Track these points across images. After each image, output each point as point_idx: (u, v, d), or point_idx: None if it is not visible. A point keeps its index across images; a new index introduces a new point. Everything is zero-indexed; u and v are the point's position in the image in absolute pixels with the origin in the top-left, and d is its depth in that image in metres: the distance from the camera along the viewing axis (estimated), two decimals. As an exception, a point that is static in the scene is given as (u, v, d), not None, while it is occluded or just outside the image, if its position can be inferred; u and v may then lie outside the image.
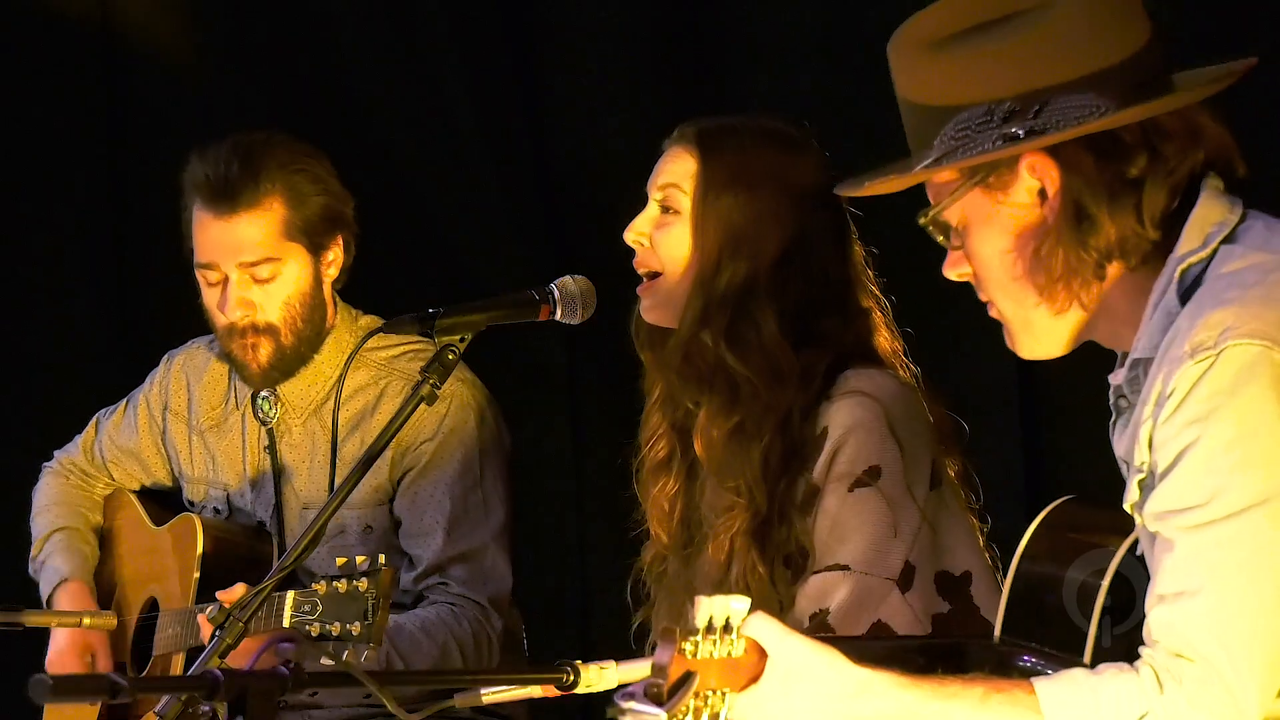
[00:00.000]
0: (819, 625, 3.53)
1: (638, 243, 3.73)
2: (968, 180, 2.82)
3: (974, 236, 2.85)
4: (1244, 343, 2.63)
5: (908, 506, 3.57)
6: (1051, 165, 2.78)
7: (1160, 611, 2.66)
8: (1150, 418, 2.70)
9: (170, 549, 4.56)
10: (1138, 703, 2.64)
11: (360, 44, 5.62)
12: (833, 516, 3.57)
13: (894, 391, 3.62)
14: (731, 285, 3.62)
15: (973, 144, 2.78)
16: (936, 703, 2.68)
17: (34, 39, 5.72)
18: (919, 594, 3.56)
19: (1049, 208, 2.79)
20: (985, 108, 2.78)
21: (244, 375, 4.47)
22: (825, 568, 3.57)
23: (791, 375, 3.61)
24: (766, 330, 3.61)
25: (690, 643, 2.55)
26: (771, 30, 5.17)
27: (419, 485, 4.38)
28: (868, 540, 3.55)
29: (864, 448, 3.57)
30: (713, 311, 3.63)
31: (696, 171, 3.68)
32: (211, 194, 4.35)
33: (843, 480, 3.57)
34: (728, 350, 3.61)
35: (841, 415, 3.58)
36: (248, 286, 4.36)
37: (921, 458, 3.61)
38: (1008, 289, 2.85)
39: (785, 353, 3.61)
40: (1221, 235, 2.77)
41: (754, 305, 3.62)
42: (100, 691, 2.57)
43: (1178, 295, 2.75)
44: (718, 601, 2.56)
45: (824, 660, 2.67)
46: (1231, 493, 2.62)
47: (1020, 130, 2.76)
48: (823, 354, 3.63)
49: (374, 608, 3.46)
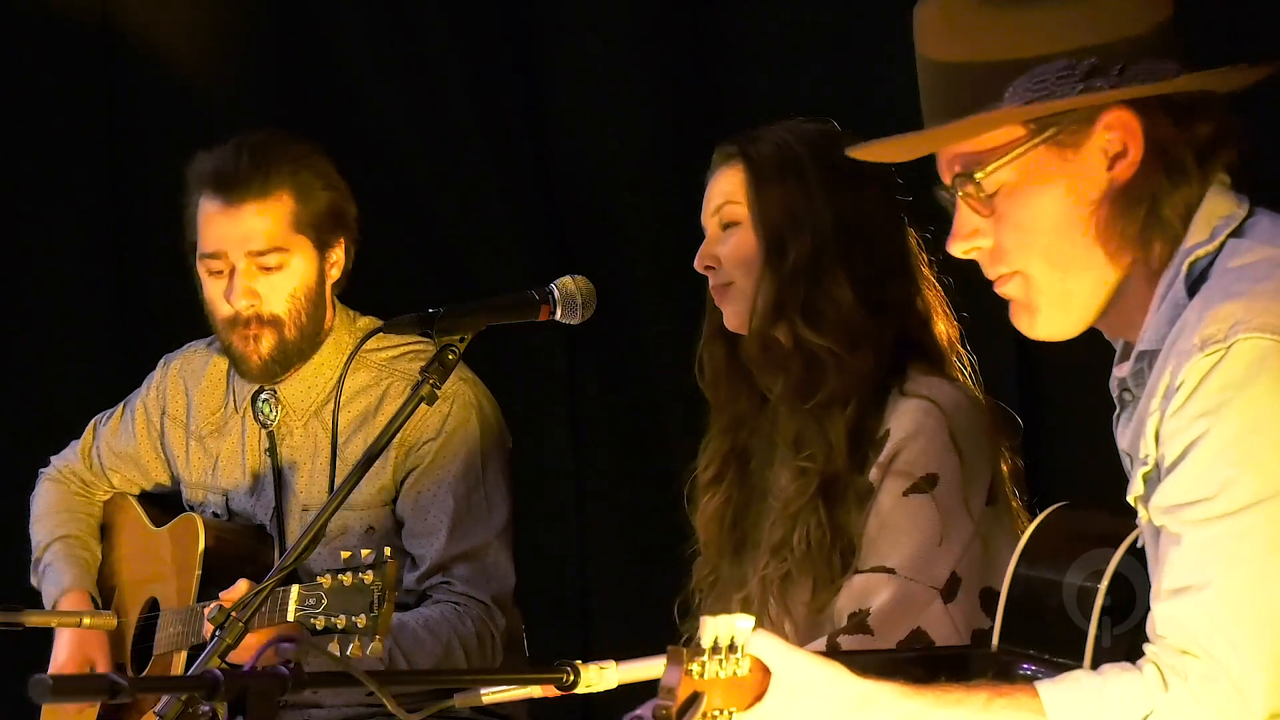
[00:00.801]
0: (857, 625, 3.53)
1: (709, 267, 3.73)
2: (1036, 135, 2.76)
3: (1028, 197, 2.78)
4: (1254, 336, 2.63)
5: (961, 517, 3.56)
6: (1134, 119, 2.74)
7: (1166, 606, 2.65)
8: (1157, 410, 2.69)
9: (171, 549, 4.55)
10: (1142, 702, 2.64)
11: (361, 44, 5.62)
12: (884, 518, 3.57)
13: (959, 402, 3.62)
14: (799, 262, 3.64)
15: (1053, 94, 2.74)
16: (941, 710, 2.68)
17: (34, 39, 5.72)
18: (962, 607, 3.54)
19: (1124, 166, 2.75)
20: (1065, 61, 2.74)
21: (242, 369, 4.46)
22: (871, 568, 3.56)
23: (869, 341, 3.62)
24: (843, 298, 3.63)
25: (697, 663, 2.56)
26: (771, 30, 5.17)
27: (422, 485, 4.39)
28: (916, 546, 3.54)
29: (924, 454, 3.57)
30: (786, 294, 3.64)
31: (744, 178, 3.70)
32: (221, 183, 4.36)
33: (899, 483, 3.57)
34: (806, 327, 3.62)
35: (906, 418, 3.59)
36: (254, 276, 4.37)
37: (981, 471, 3.60)
38: (1057, 253, 2.79)
39: (863, 318, 3.63)
40: (1229, 229, 2.76)
41: (826, 277, 3.64)
42: (100, 691, 2.57)
43: (1185, 288, 2.74)
44: (723, 621, 2.57)
45: (827, 675, 2.67)
46: (1240, 486, 2.61)
47: (1105, 84, 2.72)
48: (892, 321, 3.65)
49: (379, 599, 3.46)
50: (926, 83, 2.84)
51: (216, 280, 4.41)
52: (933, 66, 2.82)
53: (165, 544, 4.58)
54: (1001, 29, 2.76)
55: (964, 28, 2.78)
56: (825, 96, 5.01)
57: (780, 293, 3.65)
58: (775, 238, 3.66)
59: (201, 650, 3.47)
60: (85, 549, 4.69)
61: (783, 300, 3.65)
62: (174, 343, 4.77)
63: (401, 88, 5.58)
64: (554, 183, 5.52)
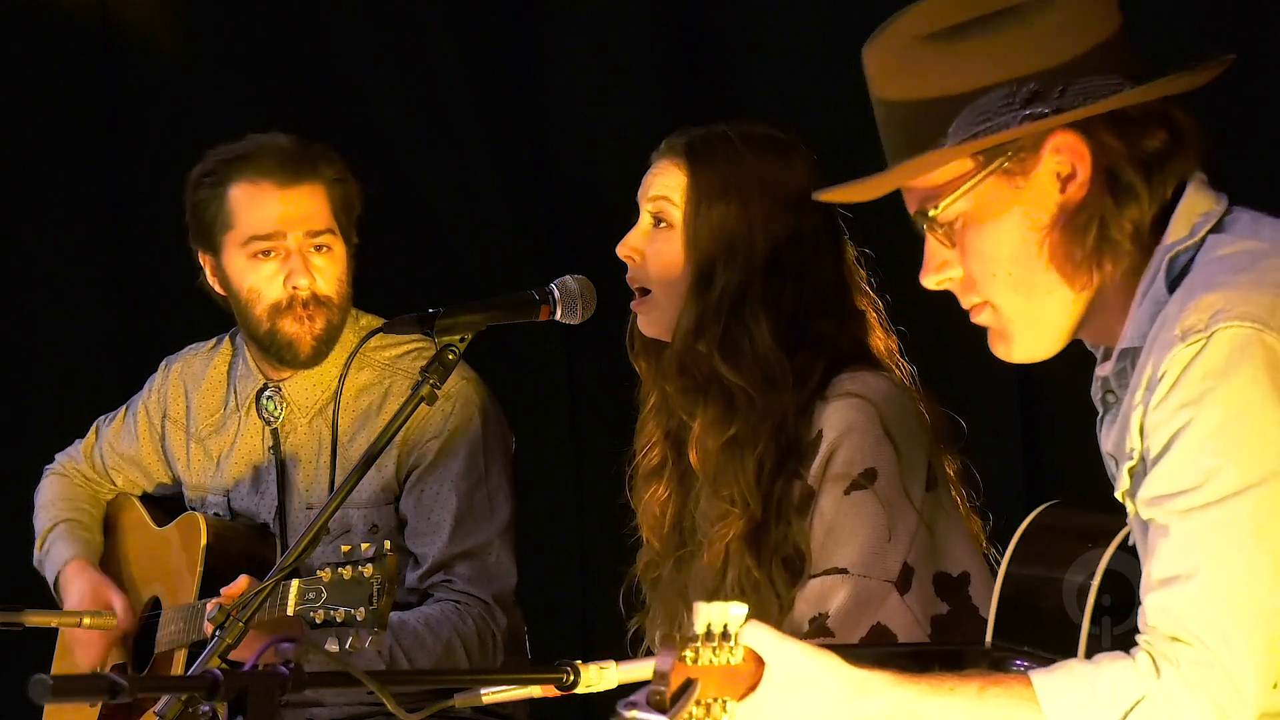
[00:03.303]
0: (818, 629, 3.53)
1: (630, 258, 3.72)
2: (985, 167, 2.78)
3: (985, 228, 2.81)
4: (1235, 325, 2.63)
5: (904, 508, 3.57)
6: (1079, 141, 2.76)
7: (1155, 596, 2.66)
8: (1141, 403, 2.70)
9: (173, 548, 4.56)
10: (1134, 688, 2.64)
11: (360, 44, 5.62)
12: (829, 520, 3.57)
13: (888, 393, 3.62)
14: (725, 294, 3.62)
15: (996, 128, 2.76)
16: (934, 698, 2.68)
17: (34, 38, 5.72)
18: (917, 596, 3.56)
19: (1075, 187, 2.76)
20: (1005, 90, 2.76)
21: (290, 354, 4.41)
22: (823, 571, 3.57)
23: (785, 381, 3.61)
24: (760, 338, 3.61)
25: (690, 650, 2.56)
26: (771, 30, 5.17)
27: (425, 483, 4.39)
28: (865, 543, 3.55)
29: (859, 450, 3.57)
30: (707, 322, 3.62)
31: (687, 184, 3.68)
32: (273, 165, 4.36)
33: (838, 483, 3.57)
34: (721, 361, 3.61)
35: (836, 418, 3.58)
36: (309, 256, 4.37)
37: (917, 459, 3.61)
38: (1019, 281, 2.81)
39: (779, 359, 3.61)
40: (1209, 225, 2.77)
41: (747, 313, 3.62)
42: (100, 691, 2.57)
43: (1165, 283, 2.75)
44: (715, 608, 2.57)
45: (820, 664, 2.67)
46: (1225, 475, 2.62)
47: (1046, 109, 2.74)
48: (819, 357, 3.63)
49: (379, 592, 3.47)
50: (881, 121, 2.87)
51: (264, 263, 4.38)
52: (883, 105, 2.85)
53: (167, 543, 4.59)
54: (942, 65, 2.79)
55: (907, 66, 2.81)
56: (825, 96, 5.01)
57: (701, 321, 3.63)
58: (705, 263, 3.63)
59: (203, 648, 3.47)
60: (87, 530, 4.70)
61: (703, 328, 3.63)
62: (175, 344, 4.77)
63: (401, 88, 5.59)
64: (554, 183, 5.52)
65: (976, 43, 2.77)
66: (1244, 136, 4.38)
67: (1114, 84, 2.75)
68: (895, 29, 2.82)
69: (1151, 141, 2.76)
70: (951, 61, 2.78)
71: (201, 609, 4.28)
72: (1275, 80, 4.43)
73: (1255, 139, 4.41)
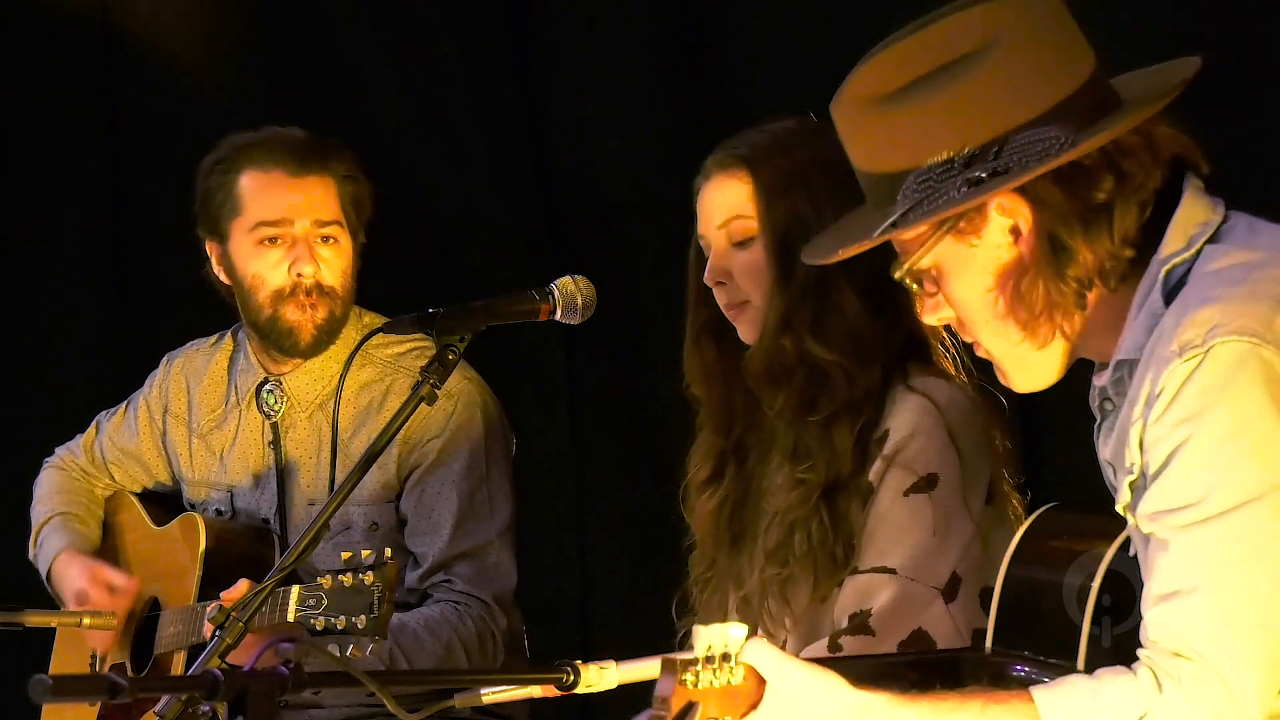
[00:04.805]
0: (859, 625, 3.52)
1: (720, 284, 3.71)
2: (937, 230, 2.81)
3: (951, 282, 2.85)
4: (1232, 339, 2.64)
5: (961, 517, 3.55)
6: (1021, 202, 2.77)
7: (1157, 612, 2.66)
8: (1140, 418, 2.70)
9: (172, 549, 4.55)
10: (1136, 703, 2.65)
11: (360, 45, 5.62)
12: (884, 517, 3.56)
13: (957, 400, 3.61)
14: (809, 280, 3.62)
15: (938, 194, 2.77)
16: (936, 718, 2.68)
17: (34, 39, 5.72)
18: (962, 607, 3.53)
19: (1024, 243, 2.79)
20: (946, 156, 2.77)
21: (289, 342, 4.42)
22: (871, 569, 3.56)
23: (878, 351, 3.62)
24: (850, 310, 3.62)
25: (691, 673, 2.56)
26: (771, 30, 5.17)
27: (426, 482, 4.39)
28: (917, 546, 3.53)
29: (924, 453, 3.56)
30: (795, 310, 3.62)
31: (753, 191, 3.68)
32: (285, 154, 4.39)
33: (899, 482, 3.56)
34: (816, 343, 3.61)
35: (904, 418, 3.58)
36: (315, 245, 4.38)
37: (980, 470, 3.60)
38: (993, 328, 2.85)
39: (869, 328, 3.62)
40: (1205, 236, 2.77)
41: (835, 291, 3.62)
42: (99, 692, 2.57)
43: (1162, 295, 2.75)
44: (715, 630, 2.57)
45: (821, 684, 2.67)
46: (1225, 490, 2.62)
47: (984, 173, 2.75)
48: (900, 324, 3.63)
49: (379, 600, 3.47)
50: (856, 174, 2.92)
51: (270, 250, 4.39)
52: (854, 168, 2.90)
53: (167, 543, 4.58)
54: (885, 135, 2.82)
55: (855, 135, 2.87)
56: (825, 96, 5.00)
57: (789, 309, 3.63)
58: (785, 253, 3.64)
59: (202, 649, 3.47)
60: (82, 524, 4.69)
61: (790, 316, 3.63)
62: (176, 340, 4.77)
63: (401, 87, 5.58)
64: (554, 183, 5.52)
65: (912, 112, 2.78)
66: (1242, 139, 4.38)
67: (1054, 140, 2.74)
68: (846, 93, 2.86)
69: (1101, 188, 2.76)
70: (891, 133, 2.81)
71: (201, 611, 4.27)
72: (1275, 80, 4.43)
73: (1254, 141, 4.40)
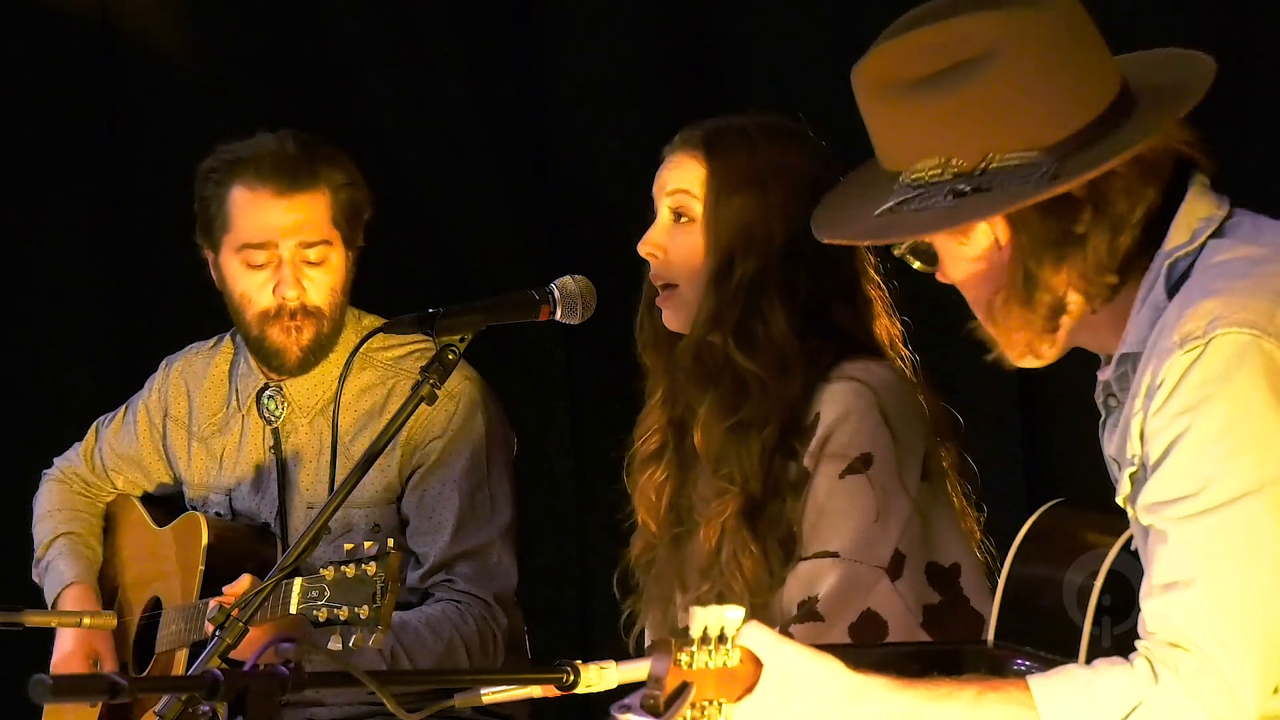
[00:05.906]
0: (808, 612, 3.54)
1: (652, 255, 3.73)
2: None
3: (946, 267, 2.88)
4: (1233, 331, 2.64)
5: (898, 495, 3.58)
6: (1002, 221, 2.78)
7: (1154, 603, 2.67)
8: (1140, 410, 2.71)
9: (173, 548, 4.56)
10: (1132, 693, 2.65)
11: (360, 44, 5.62)
12: (822, 502, 3.58)
13: (888, 380, 3.63)
14: (742, 283, 3.63)
15: (927, 196, 2.78)
16: (932, 704, 2.68)
17: (34, 38, 5.72)
18: (909, 583, 3.56)
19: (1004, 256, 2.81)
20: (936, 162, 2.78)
21: (277, 361, 4.43)
22: (814, 554, 3.58)
23: (797, 367, 3.62)
24: (775, 326, 3.63)
25: (686, 653, 2.56)
26: (771, 30, 5.17)
27: (427, 483, 4.39)
28: (857, 527, 3.56)
29: (856, 434, 3.58)
30: (724, 311, 3.64)
31: (706, 176, 3.68)
32: (273, 171, 4.34)
33: (834, 466, 3.58)
34: (736, 349, 3.62)
35: (834, 401, 3.59)
36: (301, 267, 4.36)
37: (914, 448, 3.62)
38: (986, 309, 2.87)
39: (792, 346, 3.63)
40: (1209, 230, 2.78)
41: (764, 301, 3.63)
42: (100, 691, 2.57)
43: (1165, 289, 2.76)
44: (712, 611, 2.57)
45: (818, 667, 2.67)
46: (1224, 481, 2.63)
47: (967, 188, 2.75)
48: (829, 342, 3.65)
49: (382, 590, 3.47)
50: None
51: (255, 272, 4.38)
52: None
53: (168, 543, 4.58)
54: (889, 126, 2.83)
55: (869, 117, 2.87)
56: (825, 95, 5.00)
57: (719, 309, 3.65)
58: (725, 252, 3.65)
59: (203, 647, 3.47)
60: (88, 547, 4.69)
61: (720, 316, 3.65)
62: (175, 344, 4.76)
63: (401, 87, 5.58)
64: (554, 183, 5.52)
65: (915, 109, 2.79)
66: (1244, 138, 4.38)
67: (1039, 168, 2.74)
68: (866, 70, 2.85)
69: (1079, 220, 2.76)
70: (895, 126, 2.82)
71: (202, 609, 4.28)
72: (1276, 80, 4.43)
73: (1255, 140, 4.41)
